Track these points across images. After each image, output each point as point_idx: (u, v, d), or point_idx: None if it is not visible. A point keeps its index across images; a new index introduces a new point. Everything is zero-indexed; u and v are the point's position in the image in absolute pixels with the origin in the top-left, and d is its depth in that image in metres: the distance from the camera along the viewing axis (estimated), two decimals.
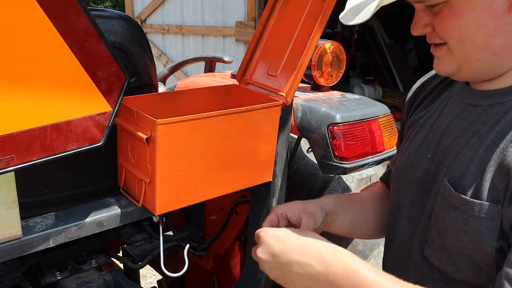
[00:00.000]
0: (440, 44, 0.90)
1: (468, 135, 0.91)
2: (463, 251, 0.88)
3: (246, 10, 5.82)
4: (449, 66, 0.91)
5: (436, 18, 0.87)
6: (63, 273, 1.53)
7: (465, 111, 0.94)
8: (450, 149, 0.94)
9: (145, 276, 3.42)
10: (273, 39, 1.45)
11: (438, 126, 1.00)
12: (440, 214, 0.91)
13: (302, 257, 0.91)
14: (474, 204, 0.84)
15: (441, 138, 0.98)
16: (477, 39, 0.84)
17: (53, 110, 1.00)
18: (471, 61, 0.87)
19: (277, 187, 1.48)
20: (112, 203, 1.39)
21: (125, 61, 1.50)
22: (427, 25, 0.90)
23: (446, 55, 0.90)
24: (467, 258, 0.88)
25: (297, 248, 0.92)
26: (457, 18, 0.84)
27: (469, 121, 0.92)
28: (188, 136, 1.21)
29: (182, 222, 1.91)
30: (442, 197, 0.91)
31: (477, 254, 0.86)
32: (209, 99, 1.55)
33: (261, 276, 1.56)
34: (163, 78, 2.89)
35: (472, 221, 0.84)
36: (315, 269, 0.89)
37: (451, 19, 0.85)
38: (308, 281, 0.90)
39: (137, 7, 7.13)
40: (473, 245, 0.85)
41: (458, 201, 0.87)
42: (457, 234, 0.88)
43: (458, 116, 0.96)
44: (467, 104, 0.95)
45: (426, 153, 1.00)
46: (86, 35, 1.00)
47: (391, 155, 1.64)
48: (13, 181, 1.09)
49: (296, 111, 1.58)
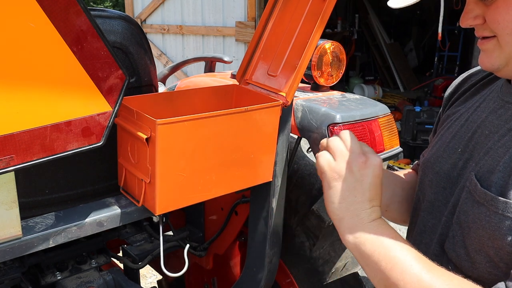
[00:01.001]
0: (489, 37, 0.89)
1: (502, 132, 0.90)
2: (482, 247, 0.87)
3: (246, 10, 5.82)
4: (496, 59, 0.90)
5: (489, 9, 0.87)
6: (63, 273, 1.53)
7: (502, 109, 0.94)
8: (482, 144, 0.93)
9: (145, 276, 3.42)
10: (273, 39, 1.45)
11: (473, 121, 0.99)
12: (463, 208, 0.91)
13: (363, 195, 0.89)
14: (498, 202, 0.83)
15: (474, 134, 0.97)
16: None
17: (53, 110, 1.00)
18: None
19: (277, 187, 1.48)
20: (112, 203, 1.39)
21: (125, 61, 1.50)
22: (478, 16, 0.89)
23: (494, 48, 0.89)
24: (485, 255, 0.87)
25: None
26: (511, 9, 0.83)
27: (505, 118, 0.92)
28: (188, 136, 1.21)
29: (182, 222, 1.91)
30: (467, 192, 0.91)
31: (496, 253, 0.85)
32: (209, 99, 1.55)
33: (261, 276, 1.56)
34: (163, 78, 2.89)
35: (495, 218, 0.84)
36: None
37: (505, 9, 0.84)
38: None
39: (137, 7, 7.14)
40: (492, 243, 0.85)
41: (483, 197, 0.86)
42: (477, 230, 0.87)
43: (494, 112, 0.95)
44: (505, 102, 0.94)
45: (457, 147, 1.00)
46: (86, 35, 1.00)
47: (391, 155, 1.65)
48: (13, 181, 1.09)
49: (296, 111, 1.58)
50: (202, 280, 2.22)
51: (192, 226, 1.86)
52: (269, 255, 1.54)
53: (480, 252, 0.88)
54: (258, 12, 5.71)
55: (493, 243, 0.85)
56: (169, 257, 2.01)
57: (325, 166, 0.91)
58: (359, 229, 0.87)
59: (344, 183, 0.89)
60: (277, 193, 1.49)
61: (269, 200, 1.49)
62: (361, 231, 0.87)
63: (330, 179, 0.90)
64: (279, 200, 1.50)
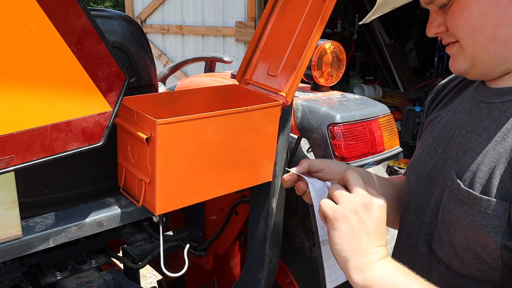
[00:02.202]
0: (453, 42, 0.93)
1: (478, 131, 0.92)
2: (468, 245, 0.88)
3: (246, 10, 5.82)
4: (462, 62, 0.93)
5: (447, 15, 0.91)
6: (63, 273, 1.53)
7: (477, 108, 0.96)
8: (460, 144, 0.95)
9: (145, 276, 3.42)
10: (273, 39, 1.45)
11: (451, 123, 1.02)
12: (447, 208, 0.92)
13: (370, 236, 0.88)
14: (481, 200, 0.85)
15: (452, 134, 1.00)
16: (485, 31, 0.87)
17: (53, 110, 1.00)
18: (482, 54, 0.89)
19: (277, 187, 1.48)
20: (112, 203, 1.39)
21: (125, 61, 1.50)
22: (441, 24, 0.94)
23: (458, 52, 0.93)
24: (473, 253, 0.88)
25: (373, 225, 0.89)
26: (465, 11, 0.87)
27: (480, 117, 0.94)
28: (188, 136, 1.21)
29: (182, 222, 1.91)
30: (449, 191, 0.92)
31: (482, 249, 0.86)
32: (209, 99, 1.55)
33: (261, 276, 1.56)
34: (163, 78, 2.88)
35: (479, 217, 0.85)
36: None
37: (460, 13, 0.88)
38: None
39: (137, 7, 7.14)
40: (478, 241, 0.86)
41: (466, 196, 0.87)
42: (463, 229, 0.88)
43: (470, 112, 0.98)
44: (479, 101, 0.97)
45: (438, 148, 1.02)
46: (86, 35, 1.00)
47: (391, 155, 1.65)
48: (13, 181, 1.09)
49: (296, 111, 1.58)
50: (202, 280, 2.22)
51: (192, 226, 1.86)
52: (269, 255, 1.54)
53: (468, 250, 0.89)
54: (258, 12, 5.71)
55: (479, 240, 0.86)
56: (169, 257, 2.01)
57: (327, 210, 0.91)
58: (367, 270, 0.86)
59: (348, 224, 0.89)
60: (277, 193, 1.49)
61: (269, 200, 1.49)
62: (369, 271, 0.86)
63: (333, 221, 0.90)
64: (279, 200, 1.50)
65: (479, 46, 0.89)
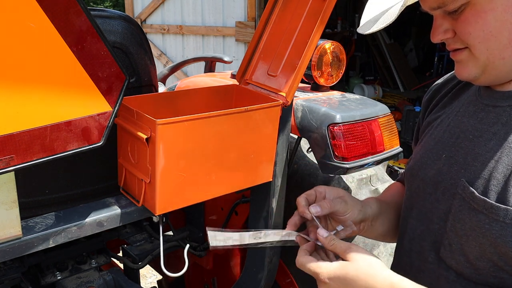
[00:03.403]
0: (461, 48, 0.89)
1: (487, 136, 0.90)
2: (483, 254, 0.86)
3: (246, 10, 5.82)
4: (472, 69, 0.90)
5: (457, 22, 0.87)
6: (63, 273, 1.53)
7: (483, 112, 0.93)
8: (467, 149, 0.93)
9: (145, 276, 3.42)
10: (273, 39, 1.45)
11: (455, 126, 0.99)
12: (459, 216, 0.90)
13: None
14: (499, 209, 0.82)
15: (457, 139, 0.97)
16: (501, 37, 0.83)
17: (53, 110, 1.00)
18: (495, 61, 0.86)
19: (277, 187, 1.48)
20: (112, 203, 1.39)
21: (125, 61, 1.50)
22: (448, 30, 0.90)
23: (468, 59, 0.89)
24: (488, 261, 0.86)
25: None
26: (480, 18, 0.83)
27: (487, 122, 0.91)
28: (188, 136, 1.21)
29: (182, 222, 1.91)
30: (461, 199, 0.89)
31: (500, 258, 0.84)
32: (209, 99, 1.55)
33: (261, 276, 1.56)
34: (163, 78, 2.89)
35: (496, 226, 0.83)
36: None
37: (474, 20, 0.84)
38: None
39: (137, 7, 7.13)
40: (495, 250, 0.84)
41: (482, 205, 0.85)
42: (477, 238, 0.86)
43: (475, 116, 0.95)
44: (484, 105, 0.93)
45: (441, 152, 0.99)
46: (86, 35, 1.00)
47: (391, 155, 1.64)
48: (13, 181, 1.09)
49: (296, 111, 1.58)
50: (202, 280, 2.22)
51: (192, 226, 1.86)
52: (269, 255, 1.54)
53: (482, 258, 0.87)
54: (258, 12, 5.70)
55: (496, 249, 0.84)
56: (169, 257, 2.00)
57: (316, 270, 0.95)
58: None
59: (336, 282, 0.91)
60: (277, 193, 1.48)
61: (269, 200, 1.49)
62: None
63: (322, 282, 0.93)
64: (279, 200, 1.50)
65: (493, 54, 0.85)
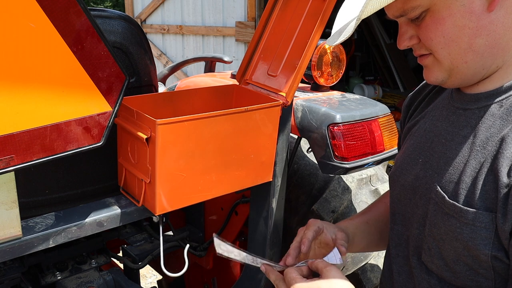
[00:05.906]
0: (426, 54, 0.91)
1: (458, 139, 0.91)
2: (459, 258, 0.88)
3: (246, 10, 5.82)
4: (439, 74, 0.91)
5: (420, 28, 0.88)
6: (63, 273, 1.53)
7: (454, 115, 0.95)
8: (440, 154, 0.94)
9: (145, 276, 3.42)
10: (273, 39, 1.45)
11: (430, 131, 1.00)
12: (434, 221, 0.91)
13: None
14: (468, 213, 0.83)
15: (432, 143, 0.98)
16: (461, 42, 0.85)
17: (53, 110, 1.00)
18: (459, 65, 0.87)
19: (277, 187, 1.48)
20: (112, 203, 1.39)
21: (125, 61, 1.50)
22: (413, 37, 0.91)
23: (433, 64, 0.91)
24: (464, 264, 0.87)
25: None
26: (439, 24, 0.85)
27: (458, 125, 0.93)
28: (188, 136, 1.21)
29: (182, 222, 1.91)
30: (435, 204, 0.91)
31: (473, 261, 0.86)
32: (209, 99, 1.55)
33: (261, 276, 1.56)
34: (163, 78, 2.89)
35: (466, 229, 0.84)
36: None
37: (434, 26, 0.86)
38: None
39: (137, 7, 7.13)
40: (468, 253, 0.85)
41: (452, 209, 0.86)
42: (451, 242, 0.87)
43: (447, 119, 0.96)
44: (455, 108, 0.95)
45: (418, 157, 1.00)
46: (86, 35, 1.01)
47: (391, 155, 1.64)
48: (13, 181, 1.09)
49: (296, 111, 1.58)
50: (202, 280, 2.22)
51: (192, 226, 1.86)
52: (269, 255, 1.54)
53: (459, 262, 0.88)
54: (258, 12, 5.70)
55: (469, 252, 0.85)
56: (169, 257, 2.01)
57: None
58: None
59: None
60: (277, 193, 1.49)
61: (269, 200, 1.49)
62: None
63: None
64: (279, 200, 1.50)
65: (455, 58, 0.87)
